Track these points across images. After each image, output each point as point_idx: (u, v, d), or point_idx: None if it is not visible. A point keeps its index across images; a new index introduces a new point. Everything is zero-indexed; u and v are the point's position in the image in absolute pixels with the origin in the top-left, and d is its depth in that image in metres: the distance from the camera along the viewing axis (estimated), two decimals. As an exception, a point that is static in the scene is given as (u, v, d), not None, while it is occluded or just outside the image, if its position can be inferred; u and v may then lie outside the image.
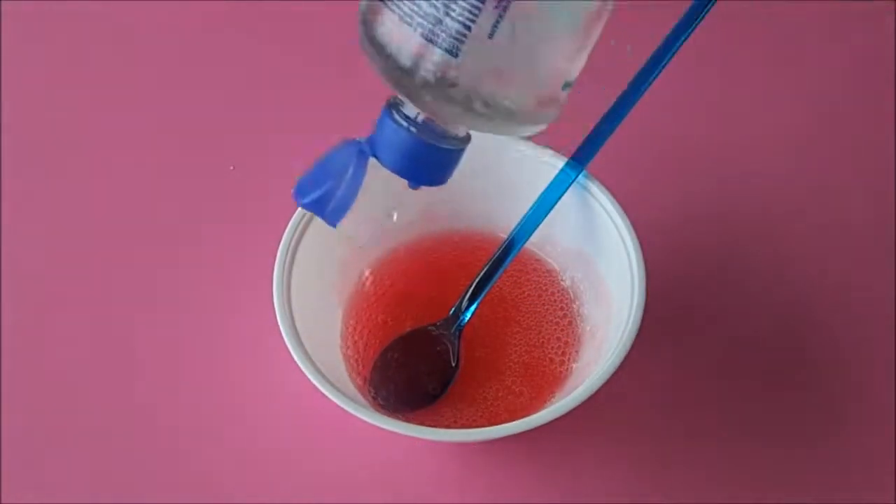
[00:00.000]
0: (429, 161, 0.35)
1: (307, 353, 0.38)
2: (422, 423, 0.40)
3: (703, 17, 0.39)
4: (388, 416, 0.37)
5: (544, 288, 0.46)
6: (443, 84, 0.31)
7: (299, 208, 0.42)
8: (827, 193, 0.52)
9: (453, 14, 0.30)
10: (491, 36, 0.31)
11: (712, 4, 0.39)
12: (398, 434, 0.37)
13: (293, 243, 0.41)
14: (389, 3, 0.32)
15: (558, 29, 0.32)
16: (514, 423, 0.36)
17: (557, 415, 0.36)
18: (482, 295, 0.43)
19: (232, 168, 0.53)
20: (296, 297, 0.40)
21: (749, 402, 0.45)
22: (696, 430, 0.44)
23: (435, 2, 0.30)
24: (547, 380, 0.43)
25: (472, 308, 0.43)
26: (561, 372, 0.43)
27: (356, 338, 0.44)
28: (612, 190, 0.42)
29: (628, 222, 0.41)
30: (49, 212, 0.52)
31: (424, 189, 0.44)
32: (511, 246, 0.43)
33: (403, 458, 0.43)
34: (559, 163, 0.43)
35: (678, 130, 0.54)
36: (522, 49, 0.31)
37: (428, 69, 0.31)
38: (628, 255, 0.41)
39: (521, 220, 0.43)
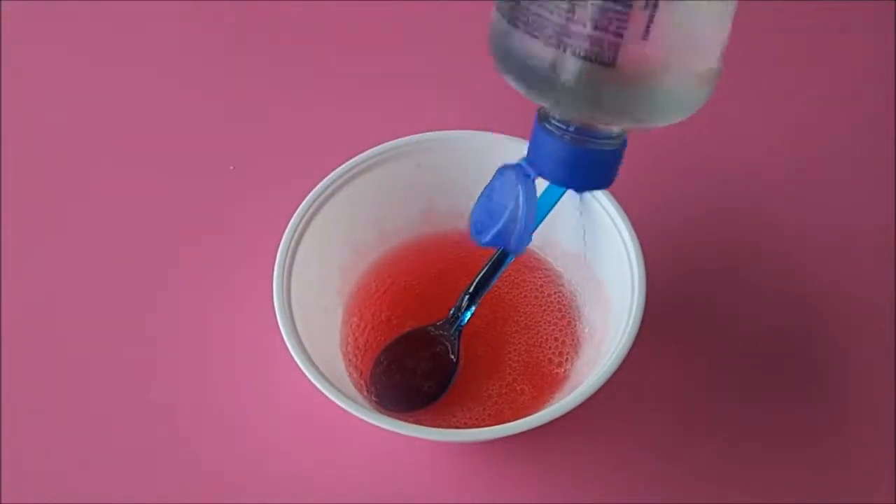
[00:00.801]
0: (591, 165, 0.34)
1: (307, 353, 0.38)
2: (426, 423, 0.40)
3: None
4: (388, 415, 0.37)
5: (544, 289, 0.46)
6: (600, 95, 0.30)
7: (300, 207, 0.42)
8: (827, 193, 0.52)
9: (601, 25, 0.29)
10: (645, 37, 0.30)
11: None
12: (398, 434, 0.37)
13: (293, 243, 0.41)
14: (523, 27, 0.31)
15: (713, 6, 0.31)
16: (514, 423, 0.36)
17: (557, 415, 0.36)
18: (481, 295, 0.43)
19: (232, 168, 0.53)
20: (296, 297, 0.40)
21: (749, 402, 0.45)
22: (697, 430, 0.44)
23: (578, 18, 0.29)
24: (547, 380, 0.43)
25: (472, 309, 0.43)
26: (560, 373, 0.43)
27: (356, 337, 0.44)
28: (612, 190, 0.42)
29: (628, 222, 0.41)
30: (49, 212, 0.52)
31: (428, 189, 0.43)
32: (511, 246, 0.43)
33: (403, 458, 0.43)
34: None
35: (678, 130, 0.53)
36: (677, 39, 0.30)
37: (586, 85, 0.30)
38: (628, 255, 0.40)
39: (522, 221, 0.43)
